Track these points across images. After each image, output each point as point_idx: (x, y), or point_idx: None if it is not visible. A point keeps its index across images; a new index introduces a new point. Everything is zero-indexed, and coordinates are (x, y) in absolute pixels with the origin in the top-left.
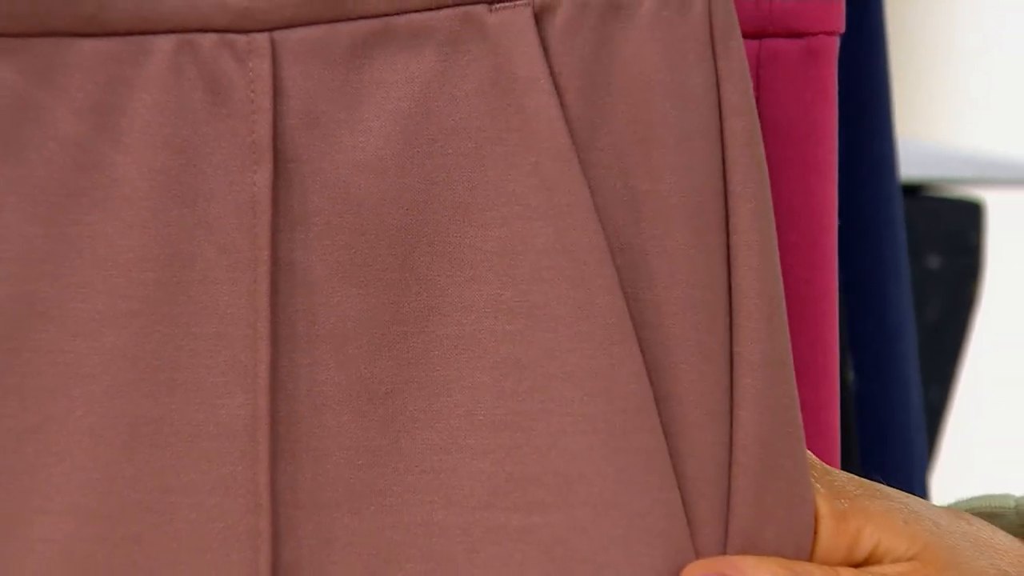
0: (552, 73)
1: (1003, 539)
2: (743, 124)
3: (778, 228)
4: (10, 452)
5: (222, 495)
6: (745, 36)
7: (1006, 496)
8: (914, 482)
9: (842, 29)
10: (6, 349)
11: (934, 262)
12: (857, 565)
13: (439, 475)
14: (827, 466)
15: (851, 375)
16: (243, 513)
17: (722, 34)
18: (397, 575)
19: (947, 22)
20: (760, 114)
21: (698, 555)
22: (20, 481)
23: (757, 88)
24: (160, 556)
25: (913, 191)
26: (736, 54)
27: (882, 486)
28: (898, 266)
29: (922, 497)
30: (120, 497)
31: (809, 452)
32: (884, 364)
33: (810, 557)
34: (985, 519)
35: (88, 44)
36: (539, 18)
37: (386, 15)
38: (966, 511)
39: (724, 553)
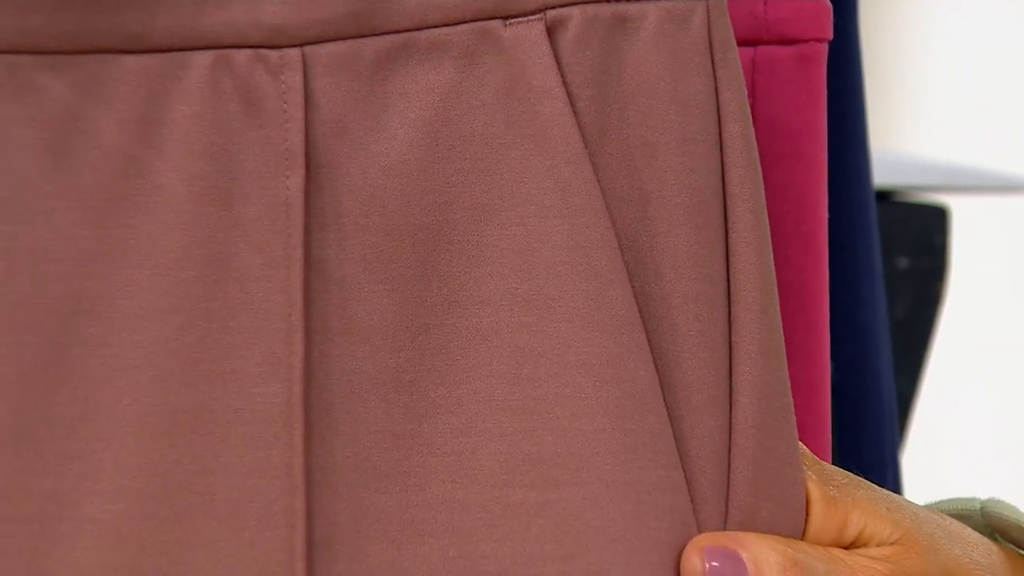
0: (564, 83)
1: (972, 534)
2: (740, 129)
3: (773, 220)
4: (62, 438)
5: (259, 477)
6: (742, 43)
7: (972, 499)
8: (887, 466)
9: (830, 36)
10: (58, 343)
11: (903, 263)
12: (845, 548)
13: (460, 456)
14: (816, 457)
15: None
16: (279, 493)
17: (720, 46)
18: (421, 549)
19: (918, 42)
20: (756, 115)
21: (700, 530)
22: (71, 465)
23: (753, 91)
24: (201, 533)
25: (884, 197)
26: (733, 64)
27: (864, 480)
28: (872, 268)
29: (894, 476)
30: (164, 479)
31: (801, 443)
32: (859, 358)
33: (802, 537)
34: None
35: (132, 60)
36: (551, 32)
37: (407, 31)
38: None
39: (725, 528)
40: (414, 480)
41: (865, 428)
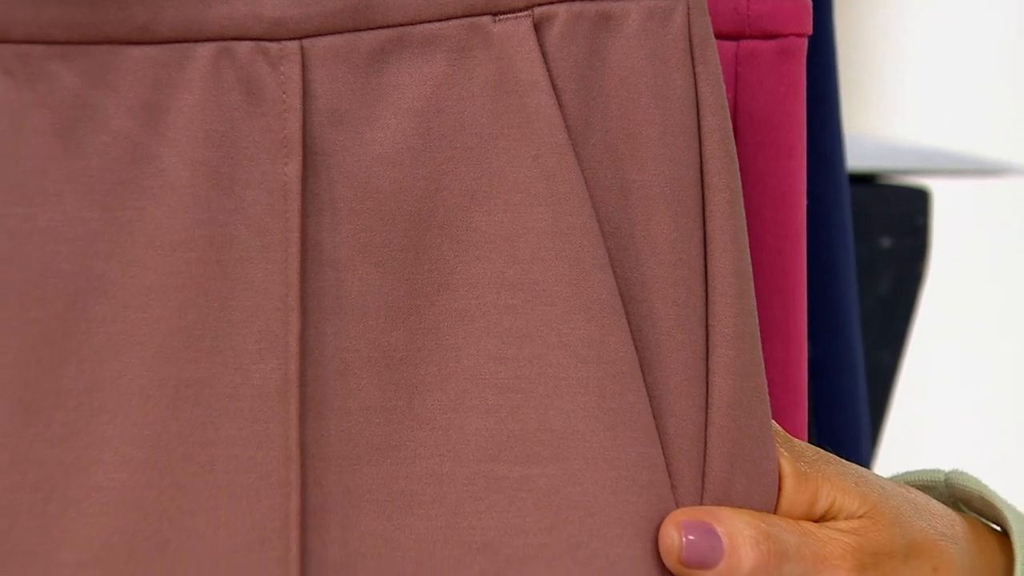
0: (550, 76)
1: (936, 505)
2: (717, 122)
3: (753, 204)
4: (70, 410)
5: (256, 448)
6: (725, 38)
7: (936, 471)
8: (861, 438)
9: (810, 31)
10: (66, 319)
11: (886, 242)
12: (815, 521)
13: (448, 432)
14: (788, 435)
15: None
16: (275, 465)
17: (699, 42)
18: (409, 519)
19: (901, 34)
20: (738, 105)
21: (677, 504)
22: (79, 436)
23: (736, 83)
24: (201, 501)
25: (867, 180)
26: (712, 60)
27: (834, 455)
28: (847, 248)
29: (865, 445)
30: (166, 450)
31: (774, 422)
32: (835, 333)
33: (775, 511)
34: (917, 490)
35: (138, 51)
36: (538, 28)
37: (401, 25)
38: (901, 482)
39: (701, 503)
40: (404, 453)
41: (842, 402)
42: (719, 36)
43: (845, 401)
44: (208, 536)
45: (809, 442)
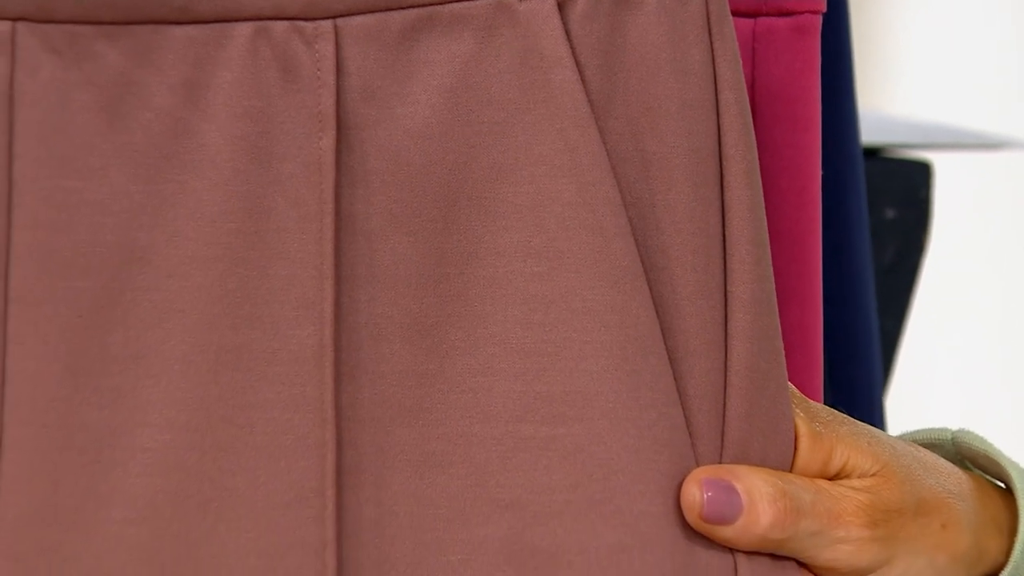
0: (574, 53)
1: (945, 464)
2: (734, 96)
3: (771, 175)
4: (116, 375)
5: (293, 411)
6: (742, 15)
7: (943, 429)
8: (873, 394)
9: (824, 8)
10: (112, 288)
11: (890, 213)
12: (829, 479)
13: (477, 394)
14: (804, 396)
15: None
16: (311, 426)
17: (717, 19)
18: (440, 478)
19: (899, 10)
20: (756, 81)
21: (698, 463)
22: (125, 400)
23: (752, 59)
24: (241, 462)
25: (873, 153)
26: (729, 36)
27: (847, 416)
28: (861, 218)
29: (877, 404)
30: (208, 413)
31: (791, 384)
32: (849, 298)
33: (791, 469)
34: (925, 449)
35: (179, 30)
36: (562, 7)
37: (431, 4)
38: (910, 441)
39: (720, 461)
40: (435, 415)
41: (854, 361)
42: (736, 14)
43: (858, 361)
44: (248, 495)
45: (824, 404)
